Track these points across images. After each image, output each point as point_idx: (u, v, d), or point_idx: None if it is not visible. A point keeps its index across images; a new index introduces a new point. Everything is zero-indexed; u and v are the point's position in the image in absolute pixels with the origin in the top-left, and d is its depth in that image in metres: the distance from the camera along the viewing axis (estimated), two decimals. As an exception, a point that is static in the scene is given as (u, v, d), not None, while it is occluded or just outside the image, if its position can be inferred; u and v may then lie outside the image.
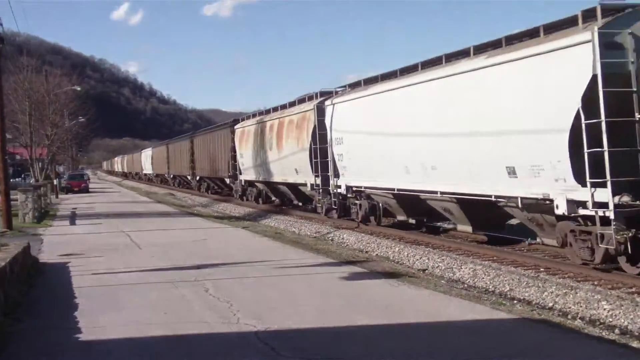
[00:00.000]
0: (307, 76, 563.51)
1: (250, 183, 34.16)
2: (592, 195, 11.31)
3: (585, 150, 11.20)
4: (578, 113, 11.32)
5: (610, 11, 11.66)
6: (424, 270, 14.37)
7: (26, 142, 41.33)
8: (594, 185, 11.22)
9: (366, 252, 17.25)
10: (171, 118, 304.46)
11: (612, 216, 10.96)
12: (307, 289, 10.39)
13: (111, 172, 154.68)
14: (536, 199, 12.87)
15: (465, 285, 12.77)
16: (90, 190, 55.56)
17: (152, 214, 28.82)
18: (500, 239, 16.85)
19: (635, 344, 8.10)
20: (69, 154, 72.11)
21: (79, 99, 56.64)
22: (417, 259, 15.45)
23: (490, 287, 12.50)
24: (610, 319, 9.71)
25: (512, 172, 13.26)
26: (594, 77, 10.98)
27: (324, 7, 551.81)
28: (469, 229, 16.87)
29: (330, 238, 20.23)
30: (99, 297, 10.10)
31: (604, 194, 11.07)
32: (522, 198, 13.25)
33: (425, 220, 19.78)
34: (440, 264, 14.60)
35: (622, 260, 11.60)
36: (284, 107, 29.12)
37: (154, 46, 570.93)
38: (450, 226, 19.63)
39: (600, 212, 11.23)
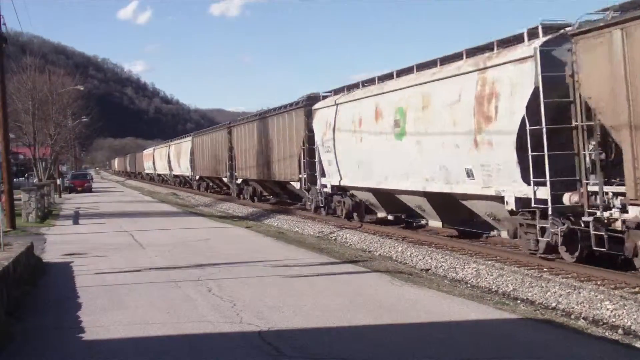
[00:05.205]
0: (310, 76, 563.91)
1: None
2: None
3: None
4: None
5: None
6: (427, 270, 14.36)
7: (29, 141, 41.47)
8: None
9: (369, 251, 17.25)
10: (174, 118, 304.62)
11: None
12: (310, 289, 10.39)
13: (126, 174, 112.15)
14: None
15: (469, 285, 12.77)
16: (93, 190, 55.66)
17: (155, 214, 28.84)
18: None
19: (638, 344, 8.09)
20: (72, 153, 72.23)
21: (82, 98, 56.73)
22: (420, 259, 15.44)
23: (494, 287, 12.49)
24: (614, 319, 9.69)
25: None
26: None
27: (328, 8, 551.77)
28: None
29: (333, 238, 20.24)
30: (102, 297, 10.10)
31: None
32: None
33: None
34: (444, 264, 14.60)
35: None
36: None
37: (161, 45, 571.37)
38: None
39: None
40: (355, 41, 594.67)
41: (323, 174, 24.05)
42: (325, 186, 23.87)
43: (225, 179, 40.48)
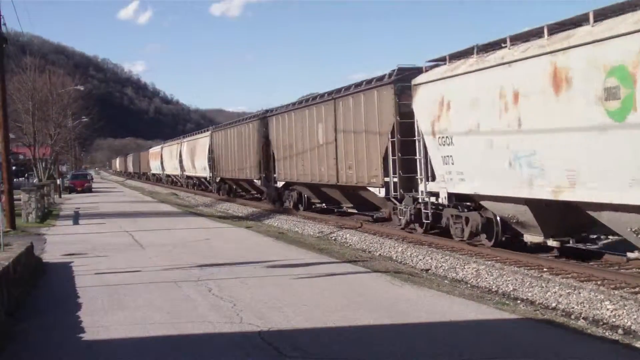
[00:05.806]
0: (311, 76, 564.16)
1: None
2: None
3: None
4: None
5: None
6: (427, 270, 14.36)
7: (29, 141, 41.52)
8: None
9: (369, 252, 17.25)
10: (174, 118, 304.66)
11: None
12: (310, 289, 10.39)
13: (128, 175, 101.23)
14: None
15: (469, 285, 12.76)
16: (93, 190, 55.70)
17: (155, 214, 28.85)
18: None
19: (638, 344, 8.09)
20: (72, 153, 72.30)
21: (82, 98, 56.83)
22: (420, 259, 15.44)
23: (494, 287, 12.49)
24: (614, 319, 9.69)
25: None
26: None
27: (330, 8, 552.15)
28: None
29: (333, 238, 20.24)
30: (102, 297, 10.10)
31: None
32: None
33: None
34: (444, 264, 14.60)
35: None
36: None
37: (161, 45, 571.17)
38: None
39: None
40: (355, 41, 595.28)
41: (428, 177, 17.30)
42: (435, 194, 16.86)
43: (257, 182, 33.03)
